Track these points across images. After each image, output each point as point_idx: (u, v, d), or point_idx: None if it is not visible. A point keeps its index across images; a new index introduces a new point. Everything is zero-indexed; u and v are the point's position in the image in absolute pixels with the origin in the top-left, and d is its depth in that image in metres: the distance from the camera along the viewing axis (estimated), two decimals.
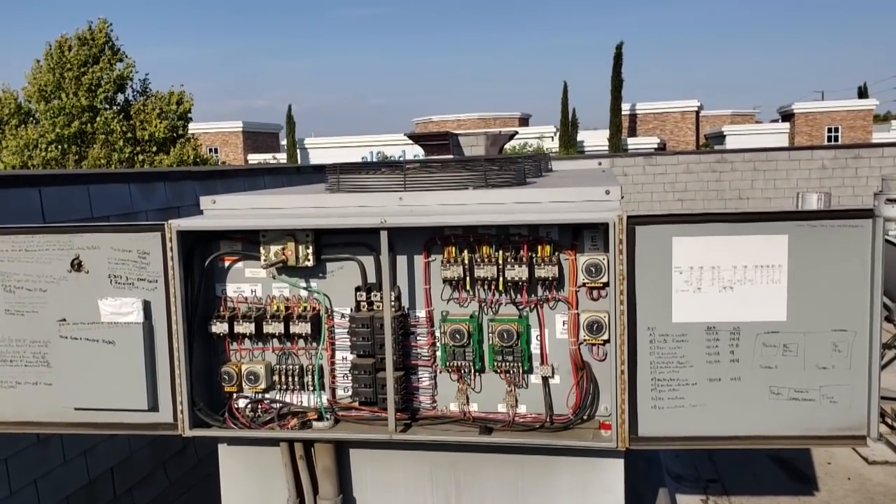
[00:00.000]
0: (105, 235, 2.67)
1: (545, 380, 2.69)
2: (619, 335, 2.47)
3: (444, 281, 2.66)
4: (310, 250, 2.71)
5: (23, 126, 25.50)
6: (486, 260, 2.61)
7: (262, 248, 2.73)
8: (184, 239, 2.69)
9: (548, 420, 2.68)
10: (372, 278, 2.73)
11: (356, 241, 2.73)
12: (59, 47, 25.94)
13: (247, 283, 2.83)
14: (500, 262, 2.60)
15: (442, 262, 2.64)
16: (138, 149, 26.11)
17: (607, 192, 2.67)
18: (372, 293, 2.72)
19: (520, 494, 2.79)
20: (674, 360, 2.46)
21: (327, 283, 2.78)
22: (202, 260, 2.77)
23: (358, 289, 2.74)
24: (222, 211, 2.90)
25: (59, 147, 25.05)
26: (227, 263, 2.83)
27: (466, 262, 2.63)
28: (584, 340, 2.62)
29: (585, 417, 2.67)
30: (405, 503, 2.86)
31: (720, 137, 50.00)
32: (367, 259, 2.73)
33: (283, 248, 2.70)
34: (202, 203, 2.92)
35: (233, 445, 2.94)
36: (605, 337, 2.56)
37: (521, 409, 2.73)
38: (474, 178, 2.89)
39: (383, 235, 2.59)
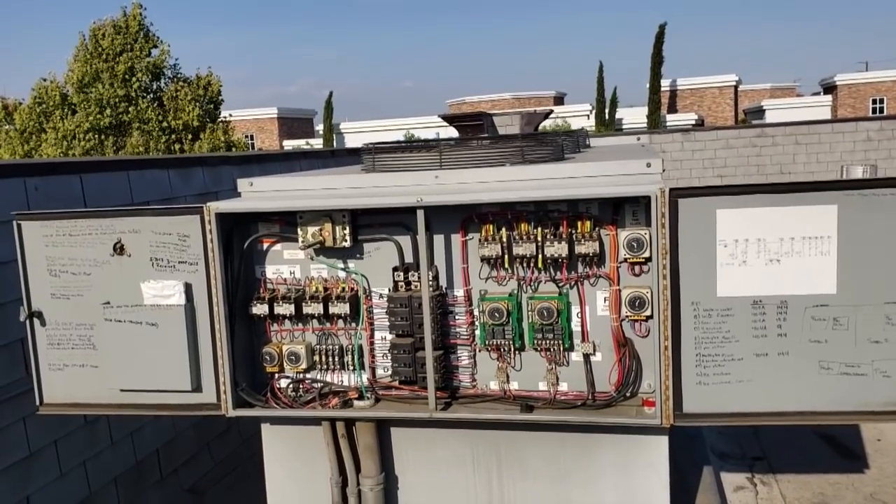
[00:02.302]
0: (146, 219, 2.69)
1: (586, 357, 2.65)
2: (663, 311, 2.42)
3: (482, 259, 2.63)
4: (346, 231, 2.70)
5: (64, 117, 25.69)
6: (524, 237, 2.58)
7: (299, 230, 2.73)
8: (223, 221, 2.71)
9: (590, 397, 2.65)
10: (409, 258, 2.72)
11: (392, 220, 2.71)
12: (93, 36, 26.08)
13: (286, 264, 2.84)
14: (539, 239, 2.56)
15: (479, 240, 2.62)
16: (174, 137, 26.30)
17: (649, 165, 2.62)
18: (409, 273, 2.71)
19: (562, 472, 2.76)
20: (719, 335, 2.41)
21: (365, 264, 2.78)
22: (241, 242, 2.78)
23: (395, 269, 2.73)
24: (260, 193, 2.91)
25: (97, 137, 25.29)
26: (265, 245, 2.84)
27: (504, 239, 2.60)
28: (626, 317, 2.58)
29: (628, 395, 2.64)
30: (447, 481, 2.86)
31: (759, 112, 49.02)
32: (403, 239, 2.72)
33: (321, 229, 2.70)
34: (239, 185, 2.93)
35: (276, 425, 2.96)
36: (648, 313, 2.52)
37: (563, 386, 2.70)
38: (511, 155, 2.85)
39: (420, 214, 2.57)
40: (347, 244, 2.72)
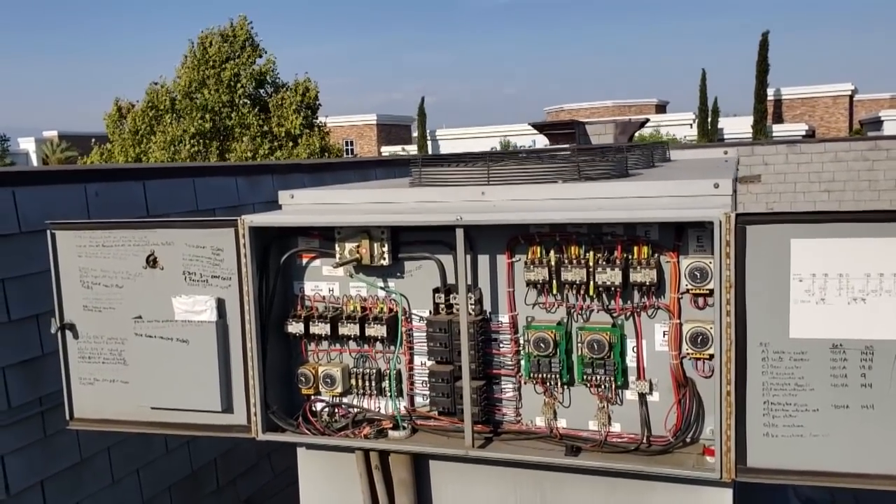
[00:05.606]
0: (179, 231, 2.60)
1: (642, 396, 2.40)
2: (726, 351, 2.14)
3: (528, 284, 2.41)
4: (385, 248, 2.54)
5: (171, 122, 26.70)
6: (573, 262, 2.34)
7: (336, 246, 2.58)
8: (260, 235, 2.59)
9: (644, 441, 2.39)
10: (452, 279, 2.52)
11: (435, 238, 2.53)
12: (201, 44, 27.07)
13: (324, 281, 2.70)
14: (591, 264, 2.32)
15: (525, 262, 2.40)
16: (276, 143, 26.99)
17: (716, 186, 2.34)
18: (451, 295, 2.51)
19: None
20: (791, 381, 2.10)
21: (406, 283, 2.60)
22: (279, 256, 2.66)
23: (436, 290, 2.54)
24: (300, 206, 2.78)
25: (201, 142, 26.17)
26: (304, 261, 2.71)
27: (553, 263, 2.37)
28: (688, 354, 2.31)
29: (688, 440, 2.36)
30: None
31: (877, 123, 46.31)
32: (446, 258, 2.53)
33: (358, 246, 2.54)
34: (280, 198, 2.81)
35: (311, 449, 2.82)
36: (712, 351, 2.24)
37: (615, 427, 2.45)
38: (566, 171, 2.62)
39: (459, 234, 2.37)
40: (386, 262, 2.55)
